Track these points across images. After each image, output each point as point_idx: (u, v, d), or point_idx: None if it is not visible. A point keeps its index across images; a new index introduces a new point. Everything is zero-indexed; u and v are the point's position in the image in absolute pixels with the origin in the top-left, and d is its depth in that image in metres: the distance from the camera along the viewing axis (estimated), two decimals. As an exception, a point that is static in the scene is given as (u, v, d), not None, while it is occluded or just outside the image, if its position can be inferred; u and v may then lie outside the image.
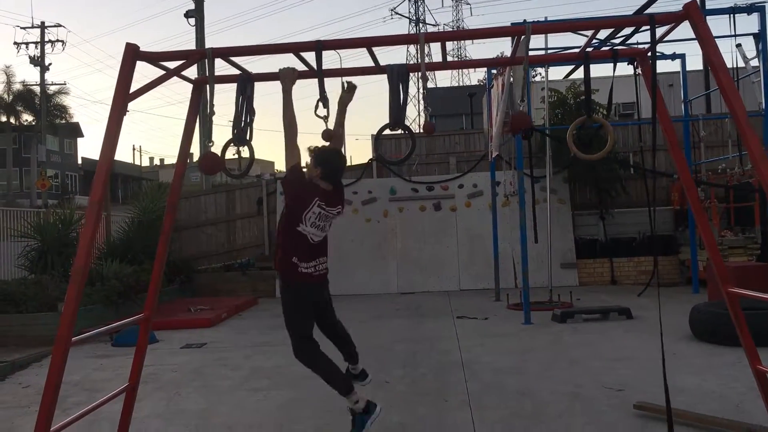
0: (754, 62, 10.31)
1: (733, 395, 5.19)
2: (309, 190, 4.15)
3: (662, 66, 14.83)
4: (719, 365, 6.19)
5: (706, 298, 9.38)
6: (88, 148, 77.12)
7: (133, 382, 4.19)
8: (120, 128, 3.61)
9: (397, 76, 3.76)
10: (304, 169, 4.22)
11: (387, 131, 4.03)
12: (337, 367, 4.40)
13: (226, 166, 4.24)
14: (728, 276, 3.73)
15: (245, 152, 4.22)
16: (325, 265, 4.39)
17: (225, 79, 4.11)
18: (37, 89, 40.89)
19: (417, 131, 9.48)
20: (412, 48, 54.99)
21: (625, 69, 4.50)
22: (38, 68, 39.52)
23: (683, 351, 6.82)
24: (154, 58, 3.82)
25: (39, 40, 39.56)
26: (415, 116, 50.30)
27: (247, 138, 4.08)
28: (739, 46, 10.53)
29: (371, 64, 4.12)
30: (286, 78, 4.00)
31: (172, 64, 3.91)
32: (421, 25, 57.30)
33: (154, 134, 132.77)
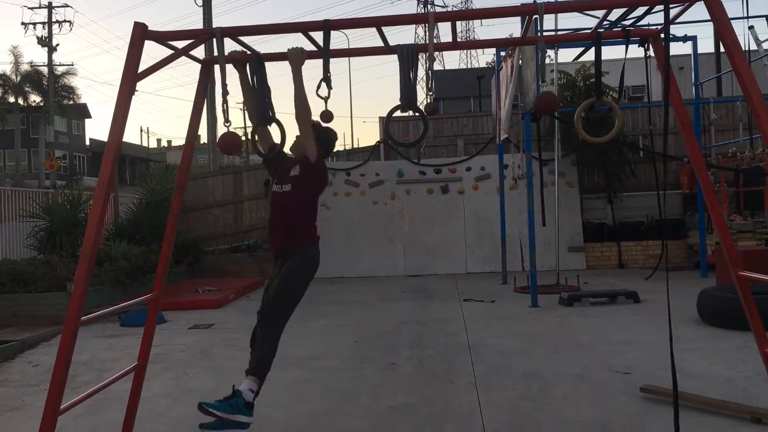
0: (766, 45, 10.21)
1: (740, 379, 5.19)
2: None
3: (673, 48, 14.63)
4: (727, 349, 6.18)
5: (714, 283, 9.35)
6: (96, 129, 77.47)
7: (142, 362, 4.21)
8: (129, 108, 3.60)
9: (407, 56, 3.73)
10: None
11: (396, 113, 4.00)
12: None
13: (256, 146, 4.30)
14: (738, 259, 3.70)
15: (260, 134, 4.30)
16: None
17: (234, 59, 4.08)
18: (45, 70, 40.95)
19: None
20: (420, 30, 54.64)
21: (635, 51, 4.46)
22: (46, 49, 39.53)
23: (690, 335, 6.81)
24: (163, 38, 3.80)
25: (46, 20, 39.55)
26: (422, 99, 50.01)
27: (272, 116, 4.08)
28: (751, 28, 10.44)
29: (379, 44, 4.09)
30: (295, 58, 3.98)
31: (180, 44, 3.89)
32: (429, 6, 56.87)
33: (161, 116, 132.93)
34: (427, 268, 13.42)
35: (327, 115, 4.06)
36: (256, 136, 4.33)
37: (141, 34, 3.60)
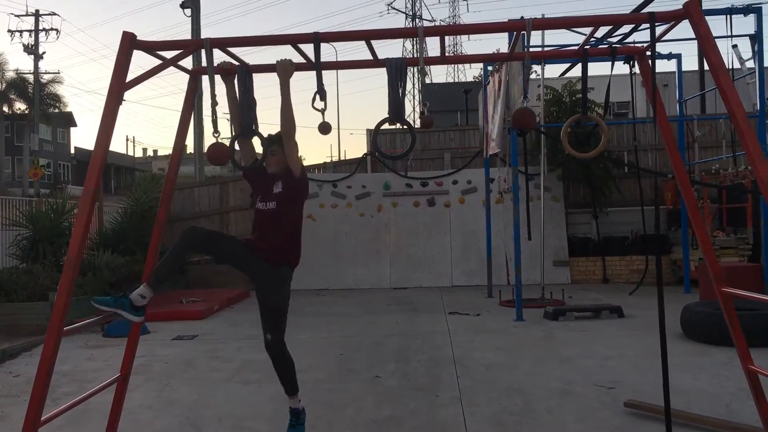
0: (750, 63, 10.36)
1: (723, 395, 5.21)
2: None
3: (658, 66, 14.82)
4: (710, 365, 6.21)
5: (697, 298, 9.42)
6: (82, 137, 76.93)
7: (125, 373, 4.18)
8: (116, 117, 3.59)
9: (396, 69, 3.75)
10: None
11: (386, 126, 4.01)
12: None
13: (234, 158, 4.28)
14: (722, 276, 3.74)
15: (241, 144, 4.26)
16: None
17: (222, 70, 4.08)
18: (31, 78, 40.66)
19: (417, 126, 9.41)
20: (408, 44, 54.93)
21: (620, 68, 4.51)
22: (32, 56, 39.33)
23: (674, 350, 6.81)
24: (151, 48, 3.80)
25: (33, 28, 39.38)
26: (409, 111, 50.24)
27: (255, 129, 4.08)
28: (735, 47, 10.58)
29: (367, 58, 4.11)
30: (284, 70, 3.99)
31: (168, 54, 3.89)
32: (417, 20, 57.22)
33: (147, 125, 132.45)
34: (413, 280, 13.42)
35: (325, 127, 4.06)
36: (238, 148, 4.31)
37: (129, 43, 3.60)
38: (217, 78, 3.96)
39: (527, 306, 9.47)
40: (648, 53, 3.80)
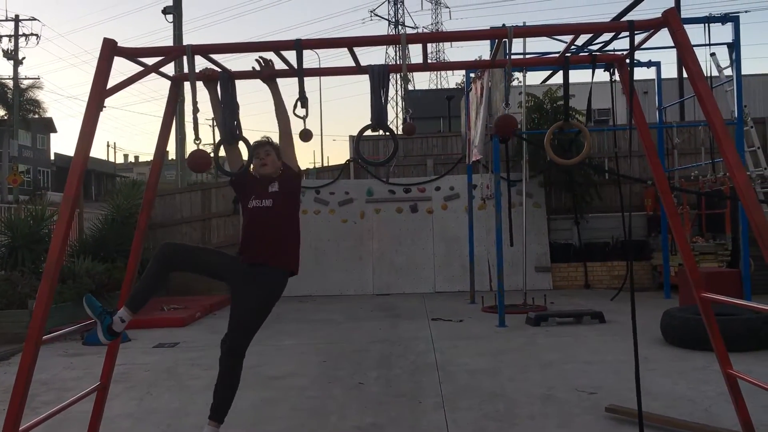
0: (728, 71, 10.50)
1: (703, 399, 5.26)
2: None
3: (637, 73, 14.93)
4: (690, 369, 6.27)
5: (677, 303, 9.50)
6: (62, 143, 76.32)
7: (105, 381, 4.14)
8: (96, 124, 3.56)
9: (379, 76, 3.76)
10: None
11: (369, 132, 4.02)
12: None
13: (219, 164, 4.28)
14: (701, 281, 3.77)
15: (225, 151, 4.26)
16: None
17: (206, 77, 4.07)
18: (10, 83, 40.18)
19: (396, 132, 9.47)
20: (391, 51, 55.08)
21: (600, 75, 4.56)
22: (11, 62, 38.89)
23: (655, 355, 6.90)
24: (133, 54, 3.78)
25: (13, 33, 38.90)
26: (392, 118, 50.35)
27: (239, 134, 4.06)
28: (713, 55, 10.72)
29: (350, 65, 4.12)
30: (267, 76, 4.02)
31: (150, 61, 3.87)
32: (400, 27, 57.41)
33: (128, 131, 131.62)
34: (396, 287, 13.42)
35: (306, 134, 4.06)
36: (226, 155, 4.31)
37: (110, 50, 3.58)
38: (199, 84, 3.95)
39: (509, 312, 9.51)
40: (627, 61, 3.85)
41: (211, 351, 7.85)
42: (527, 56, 10.56)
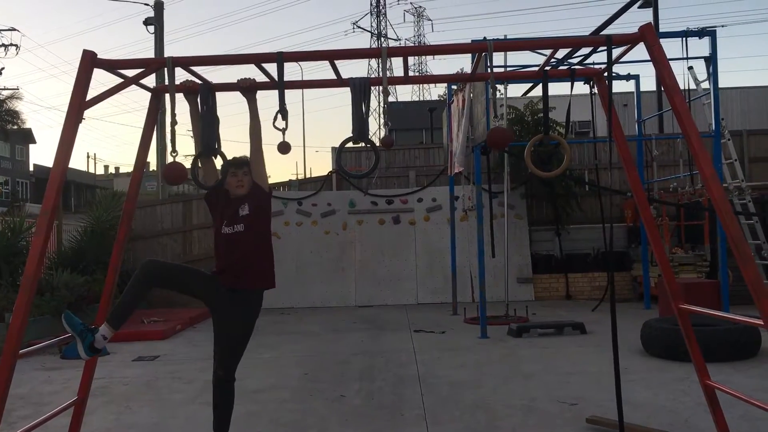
0: (705, 85, 10.64)
1: (682, 410, 5.30)
2: None
3: (617, 86, 15.16)
4: (670, 380, 6.31)
5: (657, 314, 9.58)
6: (41, 154, 75.54)
7: (83, 396, 4.09)
8: (75, 136, 3.53)
9: (360, 89, 3.77)
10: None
11: (350, 144, 4.03)
12: None
13: (196, 176, 4.22)
14: (679, 292, 3.81)
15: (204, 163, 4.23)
16: None
17: (186, 89, 4.05)
18: (-11, 94, 39.78)
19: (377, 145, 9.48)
20: (374, 62, 55.31)
21: (581, 88, 4.61)
22: (-10, 72, 38.51)
23: (635, 366, 6.94)
24: (112, 66, 3.76)
25: (-9, 43, 38.52)
26: (375, 130, 50.46)
27: (217, 147, 4.04)
28: (690, 68, 10.86)
29: (332, 77, 4.13)
30: (247, 88, 4.01)
31: (130, 72, 3.85)
32: (382, 39, 57.67)
33: (108, 142, 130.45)
34: (379, 298, 13.40)
35: (284, 147, 4.05)
36: (202, 169, 4.26)
37: (90, 61, 3.56)
38: (180, 96, 3.94)
39: (491, 323, 9.53)
40: (605, 75, 3.89)
41: (192, 364, 7.81)
42: (509, 69, 10.64)
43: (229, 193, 4.23)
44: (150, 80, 4.20)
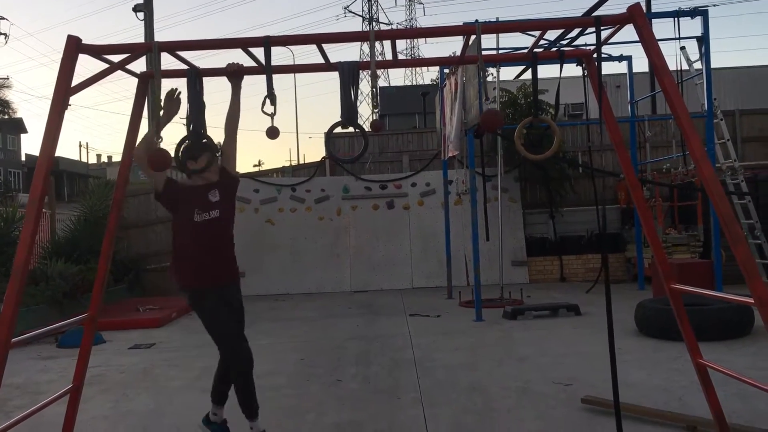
0: (697, 65, 10.62)
1: (676, 389, 5.34)
2: None
3: (609, 67, 15.13)
4: (663, 360, 6.36)
5: (651, 295, 9.62)
6: (32, 144, 74.93)
7: (78, 383, 4.08)
8: (61, 123, 3.50)
9: (348, 73, 3.74)
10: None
11: (340, 129, 4.02)
12: None
13: (185, 164, 4.17)
14: (671, 273, 3.82)
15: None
16: None
17: (172, 74, 4.03)
18: (-22, 83, 39.53)
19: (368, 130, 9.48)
20: (366, 47, 55.01)
21: (575, 70, 4.58)
22: (-21, 62, 38.25)
23: (629, 346, 6.98)
24: (98, 51, 3.71)
25: (-20, 32, 38.23)
26: (368, 115, 50.28)
27: (203, 133, 4.01)
28: (683, 48, 10.83)
29: (322, 61, 4.10)
30: (234, 73, 3.98)
31: (116, 58, 3.81)
32: (374, 23, 57.37)
33: (101, 131, 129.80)
34: (374, 283, 13.42)
35: (273, 132, 4.03)
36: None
37: (74, 47, 3.52)
38: (163, 82, 3.88)
39: (486, 306, 9.56)
40: (595, 56, 3.88)
41: (188, 351, 7.83)
42: (501, 51, 10.59)
43: (187, 182, 4.22)
44: (140, 66, 4.16)
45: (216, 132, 4.10)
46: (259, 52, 3.94)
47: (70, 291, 10.00)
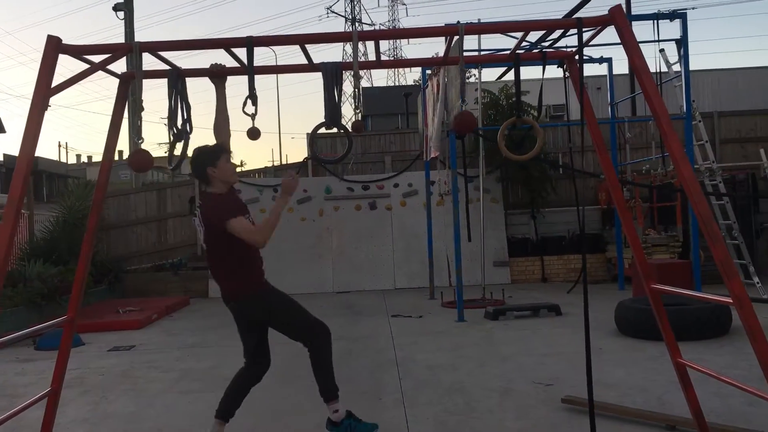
0: (676, 67, 10.74)
1: (655, 388, 5.38)
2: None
3: (591, 69, 15.21)
4: (643, 359, 6.41)
5: (631, 295, 9.70)
6: (11, 144, 74.02)
7: (56, 386, 4.04)
8: (41, 124, 3.46)
9: (331, 74, 3.74)
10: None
11: (323, 130, 4.01)
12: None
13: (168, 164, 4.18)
14: (651, 273, 3.86)
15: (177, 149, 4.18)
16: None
17: (153, 74, 4.00)
18: (-45, 82, 39.00)
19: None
20: (349, 48, 54.94)
21: (557, 72, 4.61)
22: (-44, 60, 37.72)
23: (609, 346, 7.03)
24: (78, 52, 3.68)
25: (-43, 30, 37.74)
26: (351, 116, 50.19)
27: (188, 132, 4.00)
28: (662, 51, 10.95)
29: (305, 62, 4.09)
30: (216, 73, 3.97)
31: (97, 58, 3.78)
32: (357, 24, 57.32)
33: (81, 130, 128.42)
34: (356, 284, 13.41)
35: (253, 132, 4.02)
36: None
37: (54, 47, 3.49)
38: (145, 83, 3.86)
39: (468, 306, 9.59)
40: (576, 57, 3.90)
41: (169, 353, 7.77)
42: (483, 53, 10.64)
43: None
44: (120, 66, 4.13)
45: (202, 133, 4.09)
46: (241, 52, 3.93)
47: (49, 293, 9.88)
